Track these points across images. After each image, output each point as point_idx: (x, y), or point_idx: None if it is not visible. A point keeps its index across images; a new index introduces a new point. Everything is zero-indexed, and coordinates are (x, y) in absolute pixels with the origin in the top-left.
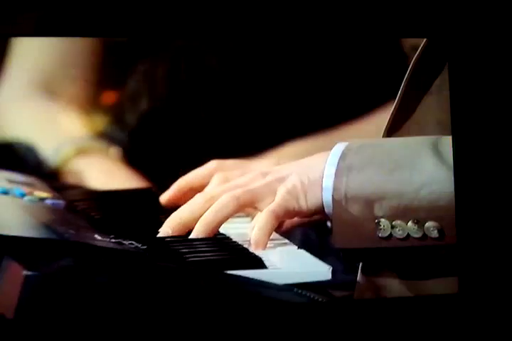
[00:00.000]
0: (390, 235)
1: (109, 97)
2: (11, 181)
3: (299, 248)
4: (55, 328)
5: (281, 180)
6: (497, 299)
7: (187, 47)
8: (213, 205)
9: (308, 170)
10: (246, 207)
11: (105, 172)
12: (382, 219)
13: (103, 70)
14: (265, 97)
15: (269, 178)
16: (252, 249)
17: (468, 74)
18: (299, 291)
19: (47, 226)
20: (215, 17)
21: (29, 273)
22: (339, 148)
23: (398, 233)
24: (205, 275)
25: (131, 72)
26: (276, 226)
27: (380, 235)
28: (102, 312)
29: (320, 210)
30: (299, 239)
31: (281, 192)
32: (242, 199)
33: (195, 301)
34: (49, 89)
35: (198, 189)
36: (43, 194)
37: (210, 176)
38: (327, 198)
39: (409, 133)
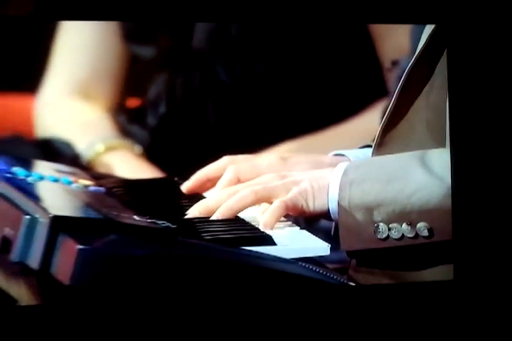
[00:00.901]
0: (388, 236)
1: (134, 102)
2: (58, 171)
3: (301, 228)
4: (103, 292)
5: (295, 183)
6: (490, 287)
7: (201, 61)
8: (236, 195)
9: (318, 180)
10: (263, 201)
11: (130, 166)
12: (381, 223)
13: (129, 79)
14: (267, 104)
15: (286, 180)
16: (262, 229)
17: (467, 77)
18: (303, 264)
19: (93, 208)
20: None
21: (81, 246)
22: (342, 166)
23: (394, 234)
24: (225, 249)
25: (153, 80)
26: (283, 215)
27: (378, 237)
28: (141, 278)
29: (325, 215)
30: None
31: (294, 191)
32: (261, 193)
33: (215, 271)
34: (84, 94)
35: (214, 180)
36: (86, 182)
37: (224, 168)
38: (333, 207)
39: (401, 131)
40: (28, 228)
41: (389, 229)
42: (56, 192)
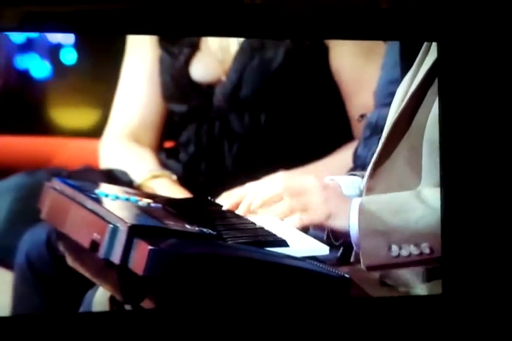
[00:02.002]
0: (399, 255)
1: (170, 143)
2: (127, 192)
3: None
4: (169, 280)
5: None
6: (478, 301)
7: (219, 114)
8: (276, 206)
9: (339, 207)
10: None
11: (169, 189)
12: (393, 245)
13: (167, 127)
14: (265, 144)
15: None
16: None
17: (457, 111)
18: (310, 261)
19: (156, 219)
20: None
21: (151, 247)
22: (357, 200)
23: (404, 253)
24: (252, 250)
25: (184, 128)
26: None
27: (392, 255)
28: (194, 270)
29: (345, 237)
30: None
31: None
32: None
33: (246, 265)
34: (135, 138)
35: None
36: (148, 200)
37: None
38: (353, 232)
39: (385, 167)
40: (111, 234)
41: (399, 249)
42: (129, 208)
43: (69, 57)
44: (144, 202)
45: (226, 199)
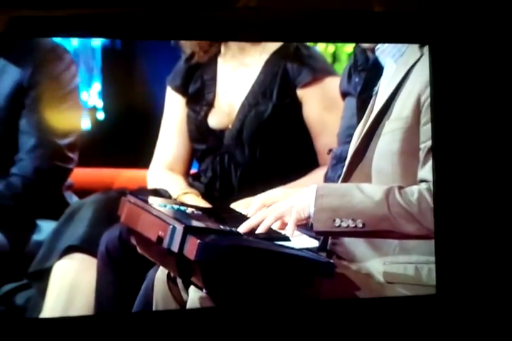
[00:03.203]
0: (339, 225)
1: (194, 171)
2: (176, 203)
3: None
4: (210, 262)
5: (292, 206)
6: (472, 301)
7: (228, 150)
8: (265, 220)
9: (303, 202)
10: (280, 219)
11: (195, 202)
12: (337, 218)
13: (192, 159)
14: (259, 170)
15: (287, 207)
16: (283, 232)
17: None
18: (306, 251)
19: (201, 221)
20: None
21: (200, 241)
22: (313, 187)
23: (343, 224)
24: (266, 243)
25: (203, 159)
26: (296, 223)
27: (334, 225)
28: (228, 256)
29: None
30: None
31: (294, 212)
32: (278, 216)
33: (263, 254)
34: (170, 168)
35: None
36: (191, 209)
37: (261, 202)
38: (311, 212)
39: (356, 175)
40: (171, 232)
41: (341, 221)
42: (180, 214)
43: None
44: (189, 210)
45: (243, 208)
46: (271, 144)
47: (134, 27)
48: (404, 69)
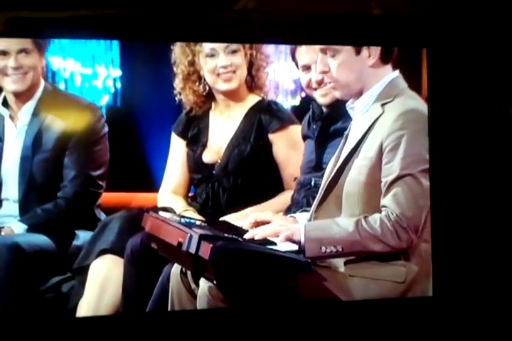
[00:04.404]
0: (325, 252)
1: (192, 194)
2: (184, 217)
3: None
4: (220, 261)
5: (287, 228)
6: (468, 303)
7: (218, 178)
8: (264, 231)
9: (294, 227)
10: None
11: (194, 217)
12: (323, 246)
13: (190, 186)
14: (241, 194)
15: (283, 227)
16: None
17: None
18: (289, 253)
19: (209, 230)
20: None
21: (212, 245)
22: (303, 223)
23: (328, 250)
24: (262, 246)
25: (199, 186)
26: (283, 240)
27: (321, 251)
28: (234, 257)
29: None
30: None
31: (285, 231)
32: (275, 232)
33: (260, 256)
34: (174, 191)
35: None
36: (199, 221)
37: (253, 218)
38: (302, 239)
39: (327, 205)
40: (189, 238)
41: (326, 248)
42: (193, 225)
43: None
44: (199, 222)
45: (231, 221)
46: (249, 174)
47: (133, 29)
48: (369, 122)
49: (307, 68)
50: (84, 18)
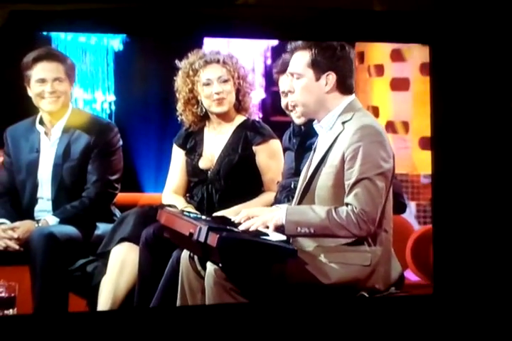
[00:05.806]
0: (300, 232)
1: (189, 194)
2: (190, 213)
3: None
4: (225, 247)
5: (273, 217)
6: (468, 301)
7: (212, 183)
8: (255, 223)
9: (277, 215)
10: (264, 225)
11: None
12: (299, 227)
13: (188, 188)
14: (231, 194)
15: (269, 217)
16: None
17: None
18: (279, 242)
19: (215, 223)
20: None
21: (218, 235)
22: (284, 208)
23: (302, 231)
24: (256, 236)
25: (195, 188)
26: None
27: (297, 231)
28: (237, 245)
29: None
30: None
31: (272, 220)
32: (263, 222)
33: (256, 245)
34: (175, 192)
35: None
36: (204, 216)
37: (246, 214)
38: (284, 223)
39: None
40: (199, 230)
41: (301, 229)
42: (201, 219)
43: None
44: (205, 217)
45: (234, 217)
46: (237, 178)
47: (133, 23)
48: (333, 136)
49: (286, 94)
50: (85, 12)
